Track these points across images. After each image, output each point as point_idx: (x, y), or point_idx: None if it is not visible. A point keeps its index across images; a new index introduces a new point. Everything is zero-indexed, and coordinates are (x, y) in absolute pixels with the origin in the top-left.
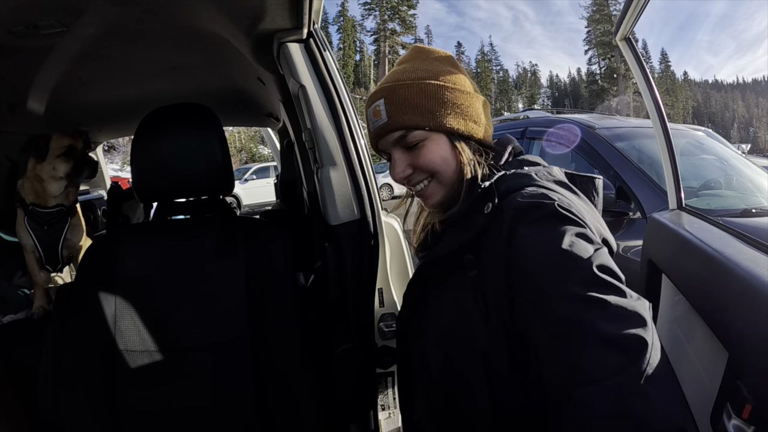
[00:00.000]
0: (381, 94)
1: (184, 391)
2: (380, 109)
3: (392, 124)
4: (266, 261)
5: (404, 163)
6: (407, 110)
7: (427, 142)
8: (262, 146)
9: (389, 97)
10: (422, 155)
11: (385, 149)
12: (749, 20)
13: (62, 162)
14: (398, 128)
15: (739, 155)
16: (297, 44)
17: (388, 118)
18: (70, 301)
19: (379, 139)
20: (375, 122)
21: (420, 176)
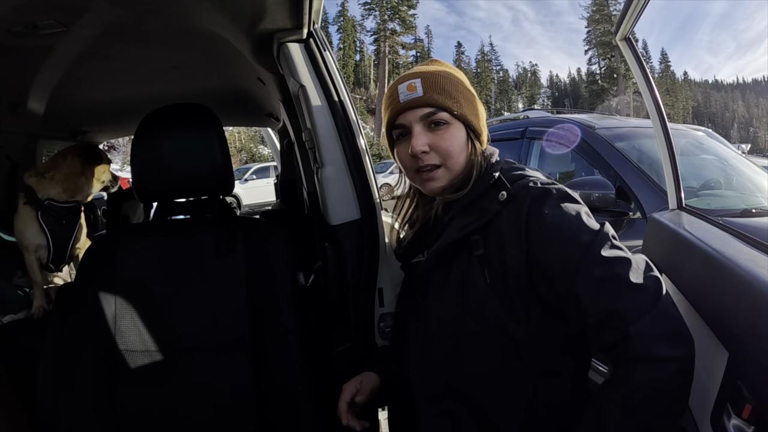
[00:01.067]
0: (417, 75)
1: (184, 391)
2: (416, 85)
3: (427, 99)
4: (266, 261)
5: (425, 138)
6: (442, 92)
7: (450, 127)
8: (262, 146)
9: (427, 78)
10: (444, 138)
11: (408, 123)
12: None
13: (108, 171)
14: (431, 104)
15: (739, 155)
16: (297, 44)
17: (423, 92)
18: (70, 301)
19: (405, 111)
20: (408, 95)
21: (434, 158)
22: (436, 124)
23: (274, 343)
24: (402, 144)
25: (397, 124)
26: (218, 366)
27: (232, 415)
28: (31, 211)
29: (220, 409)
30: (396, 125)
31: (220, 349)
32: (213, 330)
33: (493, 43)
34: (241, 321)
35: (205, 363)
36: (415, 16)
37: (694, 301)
